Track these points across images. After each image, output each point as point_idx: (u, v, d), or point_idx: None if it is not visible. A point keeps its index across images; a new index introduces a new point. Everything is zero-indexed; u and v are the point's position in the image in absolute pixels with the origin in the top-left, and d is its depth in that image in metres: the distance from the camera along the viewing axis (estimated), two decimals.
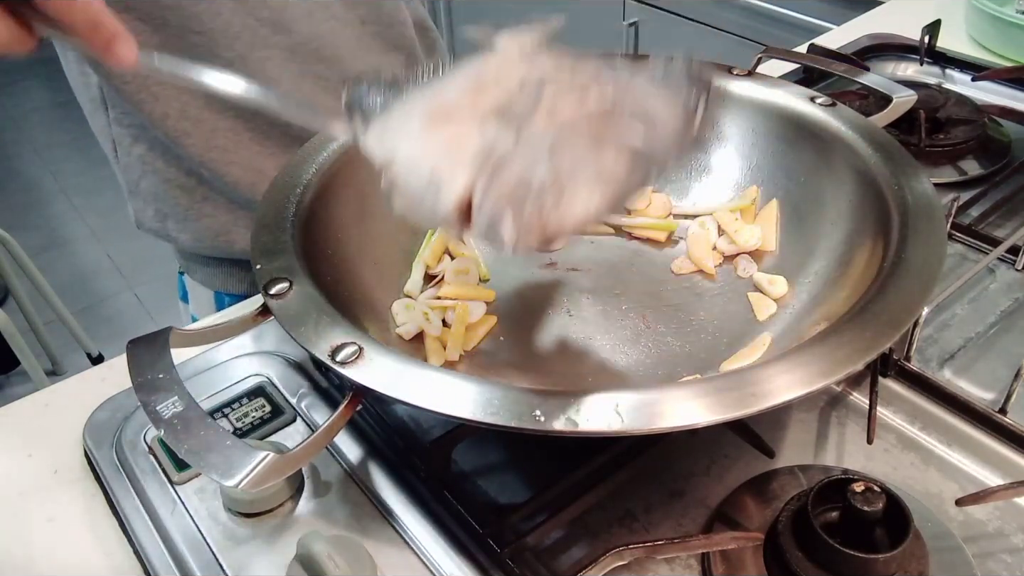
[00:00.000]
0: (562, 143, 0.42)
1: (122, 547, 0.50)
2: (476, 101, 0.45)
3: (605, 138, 0.43)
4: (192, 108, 0.71)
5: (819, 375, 0.39)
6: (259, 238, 0.51)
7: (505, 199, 0.40)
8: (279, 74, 0.72)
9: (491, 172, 0.41)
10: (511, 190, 0.40)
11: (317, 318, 0.45)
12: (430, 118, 0.44)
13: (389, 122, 0.46)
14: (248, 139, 0.74)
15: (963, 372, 0.57)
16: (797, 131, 0.61)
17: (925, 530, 0.43)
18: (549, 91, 0.44)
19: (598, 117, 0.44)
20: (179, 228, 0.79)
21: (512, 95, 0.45)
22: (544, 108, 0.43)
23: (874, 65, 0.95)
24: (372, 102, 0.48)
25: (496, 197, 0.40)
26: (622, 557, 0.44)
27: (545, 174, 0.40)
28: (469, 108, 0.45)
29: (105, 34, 0.43)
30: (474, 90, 0.46)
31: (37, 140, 3.06)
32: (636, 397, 0.39)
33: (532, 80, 0.45)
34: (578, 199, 0.41)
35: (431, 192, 0.41)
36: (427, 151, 0.43)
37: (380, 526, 0.48)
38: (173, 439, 0.39)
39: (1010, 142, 0.80)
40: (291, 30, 0.71)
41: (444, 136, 0.43)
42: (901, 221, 0.49)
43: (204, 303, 0.87)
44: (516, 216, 0.40)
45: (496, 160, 0.41)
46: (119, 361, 0.60)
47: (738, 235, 0.61)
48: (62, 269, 2.38)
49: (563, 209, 0.40)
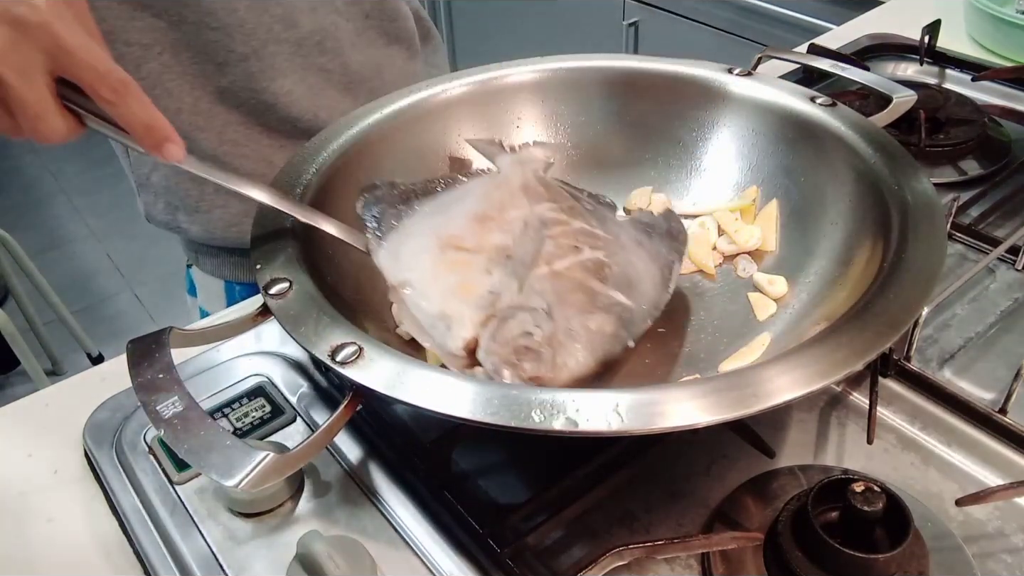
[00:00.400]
0: (560, 300, 0.48)
1: (122, 547, 0.50)
2: (482, 235, 0.52)
3: (596, 299, 0.49)
4: (204, 103, 0.72)
5: (819, 375, 0.39)
6: (259, 238, 0.51)
7: (509, 350, 0.46)
8: (287, 68, 0.74)
9: (497, 323, 0.47)
10: (514, 342, 0.46)
11: (317, 318, 0.45)
12: (440, 247, 0.51)
13: (402, 241, 0.52)
14: (258, 132, 0.75)
15: (963, 372, 0.57)
16: (797, 131, 0.61)
17: (925, 530, 0.43)
18: (549, 243, 0.51)
19: (591, 267, 0.51)
20: (190, 220, 0.79)
21: (515, 237, 0.52)
22: (543, 257, 0.50)
23: (874, 65, 0.95)
24: (383, 211, 0.54)
25: (500, 348, 0.46)
26: (622, 557, 0.44)
27: (544, 332, 0.46)
28: (476, 241, 0.51)
29: (159, 136, 0.45)
30: (479, 220, 0.53)
31: None
32: (636, 397, 0.39)
33: (533, 222, 0.53)
34: (572, 359, 0.47)
35: (440, 327, 0.47)
36: (438, 286, 0.49)
37: (380, 526, 0.48)
38: (173, 439, 0.39)
39: (1010, 142, 0.80)
40: (297, 24, 0.73)
41: (453, 275, 0.49)
42: (901, 221, 0.49)
43: (214, 294, 0.87)
44: (518, 370, 0.45)
45: (501, 310, 0.47)
46: (119, 361, 0.60)
47: (738, 235, 0.61)
48: (62, 269, 2.38)
49: (559, 368, 0.46)
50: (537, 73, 0.68)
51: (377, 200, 0.55)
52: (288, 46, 0.73)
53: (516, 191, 0.56)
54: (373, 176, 0.60)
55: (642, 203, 0.66)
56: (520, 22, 2.22)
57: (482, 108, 0.67)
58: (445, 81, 0.66)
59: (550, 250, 0.51)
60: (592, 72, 0.68)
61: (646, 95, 0.67)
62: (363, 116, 0.63)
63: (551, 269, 0.50)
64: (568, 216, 0.54)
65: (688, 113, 0.66)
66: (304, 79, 0.75)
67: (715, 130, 0.65)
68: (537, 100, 0.68)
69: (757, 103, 0.63)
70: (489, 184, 0.57)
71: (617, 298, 0.50)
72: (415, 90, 0.65)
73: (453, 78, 0.67)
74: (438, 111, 0.65)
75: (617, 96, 0.68)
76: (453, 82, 0.66)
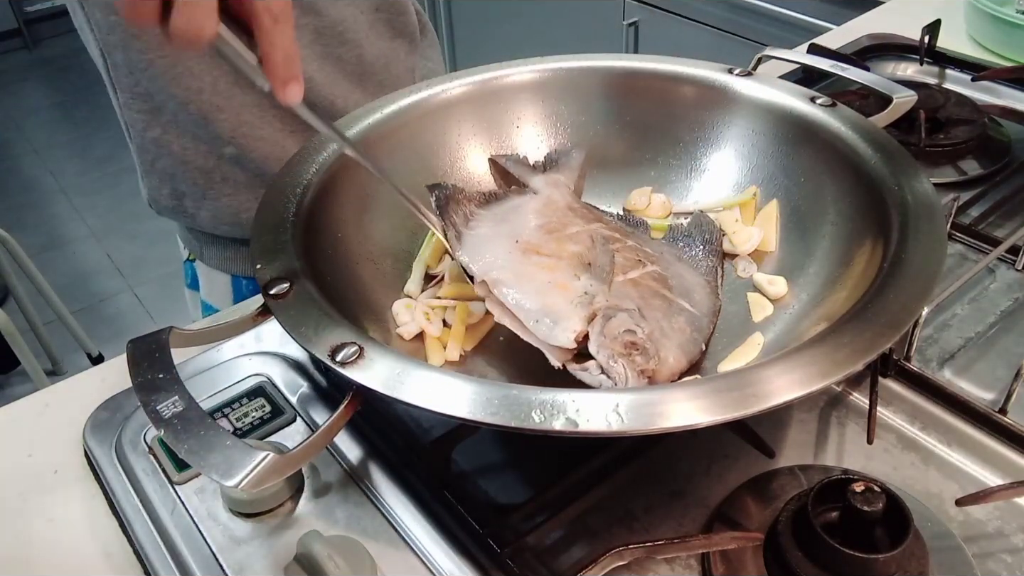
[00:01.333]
0: (645, 304, 0.51)
1: (122, 547, 0.50)
2: (558, 244, 0.54)
3: (671, 306, 0.52)
4: (222, 83, 0.72)
5: (819, 376, 0.39)
6: (259, 238, 0.51)
7: (620, 344, 0.47)
8: (308, 55, 0.74)
9: (603, 319, 0.48)
10: (622, 337, 0.48)
11: (317, 318, 0.45)
12: (522, 251, 0.54)
13: (478, 243, 0.55)
14: (272, 116, 0.75)
15: (963, 372, 0.57)
16: (797, 131, 0.61)
17: (925, 530, 0.43)
18: (617, 256, 0.54)
19: (657, 278, 0.54)
20: (196, 206, 0.79)
21: (588, 248, 0.54)
22: (619, 267, 0.53)
23: (874, 65, 0.95)
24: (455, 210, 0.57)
25: (611, 343, 0.47)
26: (622, 557, 0.44)
27: (645, 332, 0.48)
28: (553, 249, 0.54)
29: (293, 70, 0.44)
30: (547, 230, 0.56)
31: (37, 140, 3.06)
32: (636, 397, 0.39)
33: (598, 237, 0.55)
34: (671, 356, 0.49)
35: (547, 322, 0.49)
36: (532, 285, 0.51)
37: (380, 526, 0.48)
38: (173, 439, 0.39)
39: (1010, 142, 0.80)
40: (319, 13, 0.73)
41: (545, 275, 0.52)
42: (901, 221, 0.49)
43: (219, 289, 0.87)
44: (631, 362, 0.47)
45: (602, 309, 0.49)
46: (119, 361, 0.60)
47: (737, 236, 0.61)
48: (62, 269, 2.38)
49: (662, 362, 0.48)
50: (537, 73, 0.68)
51: (447, 199, 0.57)
52: (308, 33, 0.73)
53: (564, 210, 0.59)
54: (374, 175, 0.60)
55: (642, 203, 0.66)
56: (520, 22, 2.22)
57: (482, 108, 0.67)
58: (445, 81, 0.66)
59: (620, 262, 0.54)
60: (592, 72, 0.68)
61: (646, 95, 0.67)
62: (363, 116, 0.63)
63: (627, 278, 0.53)
64: (620, 235, 0.57)
65: (688, 113, 0.66)
66: (322, 67, 0.75)
67: (715, 130, 0.65)
68: (537, 100, 0.68)
69: (757, 103, 0.63)
70: (535, 202, 0.60)
71: (684, 304, 0.53)
72: (415, 90, 0.65)
73: (453, 78, 0.67)
74: (438, 111, 0.65)
75: (617, 96, 0.68)
76: (453, 82, 0.66)
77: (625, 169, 0.68)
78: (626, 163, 0.68)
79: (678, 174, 0.67)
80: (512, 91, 0.67)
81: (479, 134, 0.67)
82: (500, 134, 0.67)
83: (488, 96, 0.67)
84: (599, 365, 0.47)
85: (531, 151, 0.68)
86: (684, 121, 0.66)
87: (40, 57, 3.62)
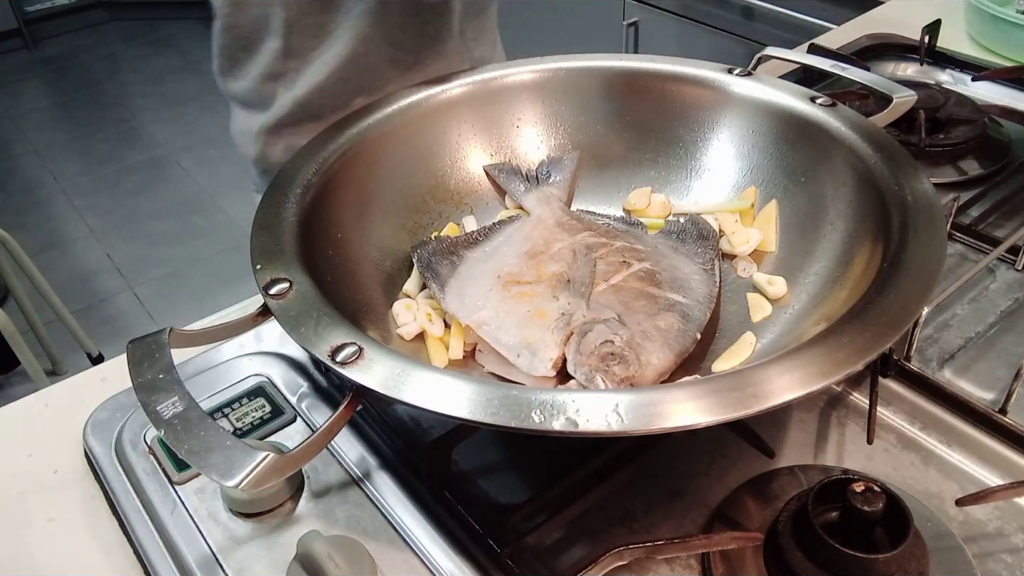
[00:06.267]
0: (626, 308, 0.52)
1: (122, 547, 0.50)
2: (538, 269, 0.56)
3: (657, 302, 0.53)
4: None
5: (819, 376, 0.39)
6: (259, 238, 0.51)
7: (596, 359, 0.48)
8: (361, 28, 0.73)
9: (578, 338, 0.49)
10: (599, 351, 0.48)
11: (317, 318, 0.45)
12: (503, 285, 0.55)
13: (463, 286, 0.56)
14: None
15: (963, 372, 0.57)
16: (797, 131, 0.61)
17: (925, 530, 0.43)
18: (600, 263, 0.55)
19: (644, 276, 0.54)
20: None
21: (569, 264, 0.55)
22: (599, 276, 0.54)
23: (874, 65, 0.95)
24: (438, 261, 0.58)
25: (587, 359, 0.48)
26: (622, 557, 0.44)
27: (624, 338, 0.49)
28: (534, 274, 0.55)
29: None
30: (530, 256, 0.57)
31: (37, 140, 3.06)
32: (636, 397, 0.39)
33: (580, 249, 0.56)
34: (653, 357, 0.49)
35: (526, 355, 0.50)
36: (512, 318, 0.52)
37: (380, 526, 0.48)
38: (173, 439, 0.39)
39: (1010, 142, 0.80)
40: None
41: (523, 306, 0.52)
42: (901, 221, 0.49)
43: None
44: (609, 375, 0.47)
45: (577, 326, 0.50)
46: (119, 361, 0.60)
47: (737, 237, 0.61)
48: (62, 269, 2.37)
49: (644, 366, 0.48)
50: (537, 73, 0.68)
51: (431, 253, 0.59)
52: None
53: (553, 227, 0.60)
54: (374, 175, 0.60)
55: (642, 203, 0.66)
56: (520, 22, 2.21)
57: (482, 108, 0.67)
58: (445, 81, 0.66)
59: (603, 269, 0.55)
60: (592, 72, 0.68)
61: (646, 95, 0.67)
62: (363, 116, 0.63)
63: (609, 284, 0.54)
64: (607, 238, 0.58)
65: (688, 113, 0.66)
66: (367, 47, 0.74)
67: (715, 130, 0.65)
68: (537, 100, 0.68)
69: (757, 103, 0.63)
70: (526, 226, 0.61)
71: (675, 298, 0.54)
72: (415, 90, 0.65)
73: (453, 78, 0.67)
74: (438, 111, 0.65)
75: (617, 96, 0.68)
76: (453, 82, 0.66)
77: (625, 169, 0.68)
78: (626, 163, 0.68)
79: (678, 174, 0.67)
80: (512, 91, 0.67)
81: (479, 134, 0.67)
82: (500, 134, 0.67)
83: (488, 96, 0.67)
84: (580, 384, 0.48)
85: (531, 151, 0.68)
86: (684, 121, 0.66)
87: (40, 57, 3.62)
